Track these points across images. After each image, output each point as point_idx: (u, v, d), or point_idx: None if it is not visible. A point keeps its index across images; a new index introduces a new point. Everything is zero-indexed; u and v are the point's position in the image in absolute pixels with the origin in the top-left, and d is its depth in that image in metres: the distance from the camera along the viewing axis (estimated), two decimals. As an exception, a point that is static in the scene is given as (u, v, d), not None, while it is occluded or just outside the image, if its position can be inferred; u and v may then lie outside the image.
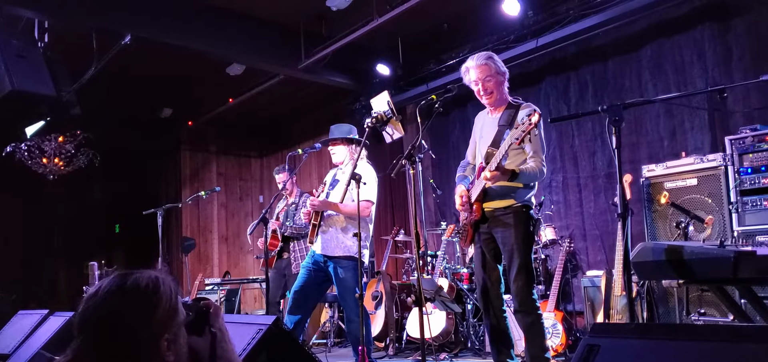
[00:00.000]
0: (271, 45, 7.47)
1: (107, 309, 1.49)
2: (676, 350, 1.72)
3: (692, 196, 4.98)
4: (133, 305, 1.50)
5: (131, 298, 1.51)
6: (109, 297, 1.50)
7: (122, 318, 1.48)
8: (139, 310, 1.50)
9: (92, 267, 7.37)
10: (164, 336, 1.51)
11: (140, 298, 1.51)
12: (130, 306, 1.50)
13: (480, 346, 6.02)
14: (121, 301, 1.50)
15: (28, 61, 5.53)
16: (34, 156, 8.11)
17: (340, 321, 7.27)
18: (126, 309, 1.50)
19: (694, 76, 5.81)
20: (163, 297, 1.54)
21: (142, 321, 1.50)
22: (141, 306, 1.51)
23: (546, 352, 3.82)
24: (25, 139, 7.36)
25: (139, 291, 1.52)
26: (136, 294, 1.52)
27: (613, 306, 5.06)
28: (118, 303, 1.50)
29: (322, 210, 4.93)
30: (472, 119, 4.25)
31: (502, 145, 3.61)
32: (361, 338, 3.87)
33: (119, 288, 1.52)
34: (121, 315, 1.49)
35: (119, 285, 1.52)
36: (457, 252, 7.02)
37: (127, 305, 1.50)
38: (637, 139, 6.20)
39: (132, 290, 1.52)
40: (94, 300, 1.51)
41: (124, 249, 10.97)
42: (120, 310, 1.49)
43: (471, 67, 3.91)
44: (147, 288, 1.53)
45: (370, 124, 4.17)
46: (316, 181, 9.29)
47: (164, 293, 1.55)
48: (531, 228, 3.86)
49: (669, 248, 2.67)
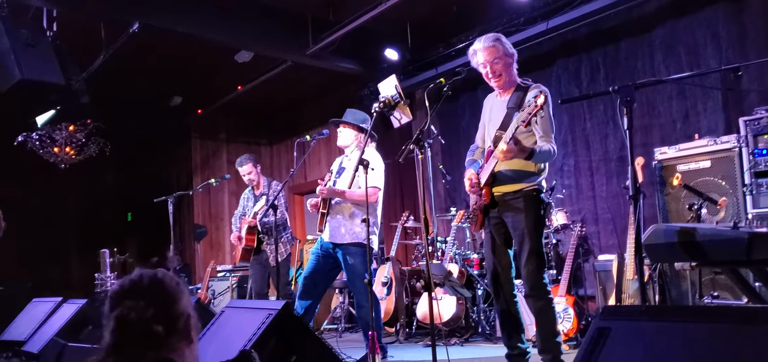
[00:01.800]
0: (278, 31, 7.44)
1: (159, 281, 1.74)
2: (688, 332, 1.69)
3: (705, 179, 4.91)
4: (167, 285, 1.74)
5: (163, 281, 1.74)
6: (156, 276, 1.74)
7: (160, 293, 1.71)
8: (179, 288, 1.76)
9: (104, 254, 7.40)
10: (192, 314, 1.76)
11: (175, 281, 1.77)
12: (164, 286, 1.74)
13: (491, 331, 6.01)
14: (154, 282, 1.73)
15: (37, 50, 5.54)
16: (45, 145, 8.14)
17: (351, 306, 7.28)
18: (161, 287, 1.73)
19: (708, 57, 5.72)
20: (184, 288, 1.79)
21: (180, 296, 1.75)
22: (179, 286, 1.77)
23: (557, 336, 3.79)
24: (36, 128, 7.40)
25: (171, 277, 1.78)
26: (171, 278, 1.77)
27: (625, 290, 5.01)
28: (151, 283, 1.73)
29: (329, 197, 4.92)
30: (482, 103, 4.20)
31: (509, 129, 3.56)
32: (370, 323, 3.86)
33: (155, 274, 1.75)
34: (159, 291, 1.72)
35: (154, 272, 1.76)
36: (467, 238, 6.99)
37: (161, 285, 1.74)
38: (650, 121, 6.13)
39: (165, 276, 1.76)
40: (132, 282, 1.73)
41: (136, 237, 11.03)
42: (156, 287, 1.72)
43: (478, 49, 3.86)
44: (173, 277, 1.78)
45: (377, 109, 4.14)
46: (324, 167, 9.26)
47: (183, 283, 1.80)
48: (542, 212, 3.83)
49: (681, 230, 2.63)
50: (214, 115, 10.42)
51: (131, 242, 10.88)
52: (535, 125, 3.61)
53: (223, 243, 10.84)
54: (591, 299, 6.08)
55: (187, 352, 1.73)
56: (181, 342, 1.71)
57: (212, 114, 10.34)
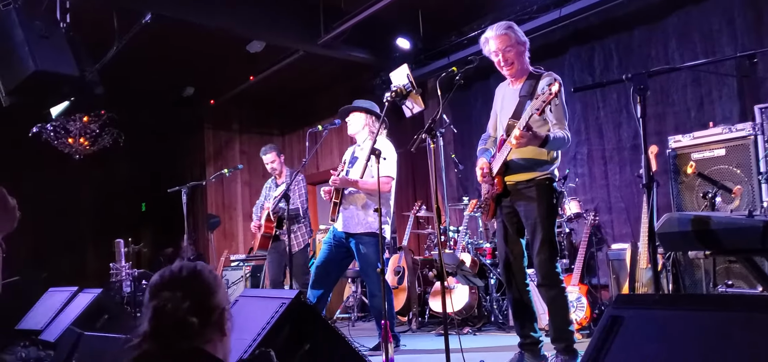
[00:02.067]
0: (290, 20, 7.44)
1: (197, 273, 1.81)
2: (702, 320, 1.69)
3: (720, 167, 4.87)
4: (205, 278, 1.82)
5: (201, 273, 1.82)
6: (184, 271, 1.81)
7: (198, 285, 1.80)
8: (217, 282, 1.84)
9: (118, 244, 7.46)
10: (227, 308, 1.84)
11: (214, 275, 1.85)
12: (202, 278, 1.82)
13: (503, 320, 6.01)
14: (193, 275, 1.81)
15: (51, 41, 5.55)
16: (59, 136, 8.20)
17: (364, 295, 7.31)
18: (199, 279, 1.81)
19: (723, 44, 5.66)
20: (222, 281, 1.88)
21: (217, 289, 1.83)
22: (216, 280, 1.84)
23: (570, 325, 3.79)
24: (50, 119, 7.45)
25: (210, 270, 1.85)
26: (210, 272, 1.85)
27: (638, 279, 4.99)
28: (190, 275, 1.81)
29: (342, 187, 4.93)
30: (494, 92, 4.19)
31: (523, 117, 3.55)
32: (383, 312, 3.87)
33: (195, 266, 1.84)
34: (197, 283, 1.80)
35: (194, 265, 1.84)
36: (479, 227, 6.99)
37: (199, 277, 1.82)
38: (664, 109, 6.08)
39: (204, 269, 1.84)
40: (171, 272, 1.81)
41: (150, 227, 11.10)
42: (194, 280, 1.80)
43: (490, 37, 3.85)
44: (211, 271, 1.85)
45: (389, 99, 4.13)
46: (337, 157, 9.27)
47: (220, 278, 1.90)
48: (554, 201, 3.82)
49: (695, 218, 2.61)
50: (227, 105, 10.44)
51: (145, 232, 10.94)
52: (548, 113, 3.59)
53: (236, 233, 10.89)
54: (604, 288, 6.06)
55: (219, 344, 1.80)
56: (214, 334, 1.78)
57: (225, 104, 10.37)
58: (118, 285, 7.23)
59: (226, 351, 1.84)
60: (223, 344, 1.82)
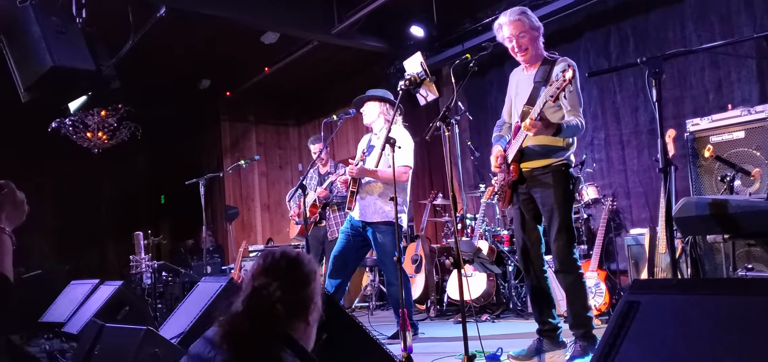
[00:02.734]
0: (303, 11, 7.44)
1: (297, 264, 1.95)
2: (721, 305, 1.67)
3: (739, 150, 4.81)
4: (302, 268, 1.96)
5: (300, 263, 1.96)
6: (284, 258, 1.95)
7: (294, 274, 1.93)
8: (306, 274, 1.96)
9: (138, 237, 7.53)
10: (315, 301, 1.96)
11: (307, 265, 1.98)
12: (299, 268, 1.95)
13: (522, 307, 6.00)
14: (291, 264, 1.95)
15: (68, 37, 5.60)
16: (78, 130, 8.28)
17: (381, 284, 7.33)
18: (296, 269, 1.95)
19: (742, 25, 5.58)
20: (319, 277, 2.01)
21: (306, 281, 1.95)
22: (307, 271, 1.96)
23: (588, 311, 3.78)
24: (68, 114, 7.52)
25: (310, 260, 1.99)
26: (309, 262, 1.99)
27: (657, 264, 4.96)
28: (289, 264, 1.94)
29: (359, 177, 4.94)
30: (508, 78, 4.16)
31: (537, 103, 3.53)
32: (401, 300, 3.88)
33: (297, 256, 1.98)
34: (293, 273, 1.93)
35: (297, 254, 1.98)
36: (496, 214, 6.97)
37: (297, 267, 1.95)
38: (681, 93, 6.02)
39: (303, 258, 1.98)
40: (272, 258, 1.95)
41: (169, 219, 11.21)
42: (292, 269, 1.94)
43: (504, 23, 3.82)
44: (310, 262, 1.99)
45: (403, 87, 4.12)
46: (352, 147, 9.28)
47: (319, 274, 2.02)
48: (570, 187, 3.80)
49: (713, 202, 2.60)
50: (242, 97, 10.48)
51: (164, 224, 11.06)
52: (562, 99, 3.56)
53: (254, 224, 10.95)
54: (623, 273, 6.03)
55: (302, 332, 1.94)
56: (300, 322, 1.92)
57: (240, 96, 10.41)
58: (138, 278, 7.31)
59: (308, 339, 1.97)
60: (306, 333, 1.95)
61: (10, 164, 7.99)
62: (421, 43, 7.60)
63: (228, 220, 10.09)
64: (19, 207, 2.06)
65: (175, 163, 10.57)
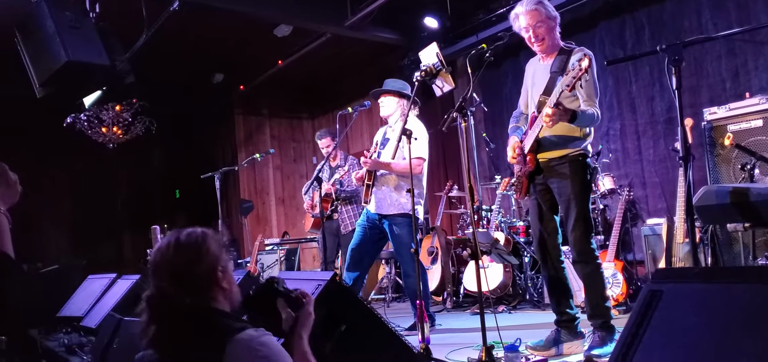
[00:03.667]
0: (316, 3, 7.44)
1: (170, 256, 1.95)
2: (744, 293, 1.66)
3: (758, 138, 4.77)
4: (188, 250, 1.95)
5: (185, 246, 1.96)
6: (170, 248, 1.96)
7: (181, 260, 1.93)
8: (193, 253, 1.95)
9: (155, 231, 7.57)
10: (218, 268, 1.96)
11: (193, 245, 1.96)
12: (185, 252, 1.95)
13: (539, 298, 5.99)
14: (177, 250, 1.96)
15: (82, 32, 5.62)
16: (93, 125, 8.34)
17: (398, 276, 7.34)
18: (183, 254, 1.95)
19: (759, 12, 5.52)
20: (211, 242, 1.99)
21: (196, 260, 1.93)
22: (194, 250, 1.95)
23: (606, 301, 3.76)
24: (83, 109, 7.57)
25: (191, 240, 1.98)
26: (188, 241, 1.97)
27: (675, 254, 4.93)
28: (175, 251, 1.95)
29: (374, 170, 4.95)
30: (524, 68, 4.14)
31: (553, 93, 3.51)
32: (417, 292, 3.89)
33: (176, 240, 1.98)
34: (180, 258, 1.94)
35: (176, 238, 1.98)
36: (512, 206, 6.95)
37: (183, 251, 1.95)
38: (697, 81, 5.96)
39: (185, 240, 1.98)
40: (160, 252, 1.97)
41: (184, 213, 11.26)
42: (178, 255, 1.95)
43: (520, 13, 3.80)
44: (196, 238, 1.98)
45: (419, 78, 4.11)
46: (367, 140, 9.29)
47: (211, 239, 2.01)
48: (588, 177, 3.77)
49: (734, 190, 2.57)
50: (256, 90, 10.50)
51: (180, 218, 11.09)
52: (579, 89, 3.54)
53: (269, 217, 10.99)
54: (640, 264, 6.00)
55: (222, 296, 1.97)
56: (213, 292, 1.95)
57: (254, 90, 10.43)
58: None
59: (232, 299, 2.00)
60: (225, 296, 1.98)
61: (26, 160, 8.07)
62: (435, 34, 7.57)
63: (243, 214, 10.13)
64: (12, 187, 2.17)
65: (190, 158, 10.62)
